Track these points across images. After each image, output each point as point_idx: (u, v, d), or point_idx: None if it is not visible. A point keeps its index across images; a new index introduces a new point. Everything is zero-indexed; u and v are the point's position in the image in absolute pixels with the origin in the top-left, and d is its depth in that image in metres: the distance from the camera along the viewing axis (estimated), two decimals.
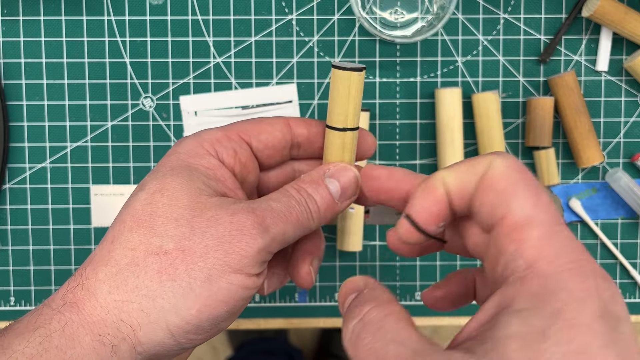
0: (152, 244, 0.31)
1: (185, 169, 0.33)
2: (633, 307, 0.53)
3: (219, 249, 0.30)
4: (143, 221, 0.31)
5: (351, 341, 0.27)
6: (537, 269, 0.24)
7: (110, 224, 0.34)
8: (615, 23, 0.48)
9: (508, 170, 0.26)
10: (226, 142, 0.35)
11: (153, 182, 0.33)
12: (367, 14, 0.50)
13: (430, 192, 0.29)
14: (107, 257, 0.31)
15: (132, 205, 0.32)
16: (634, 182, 0.51)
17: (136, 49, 0.51)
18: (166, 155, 0.35)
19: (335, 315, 0.53)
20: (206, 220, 0.31)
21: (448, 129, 0.49)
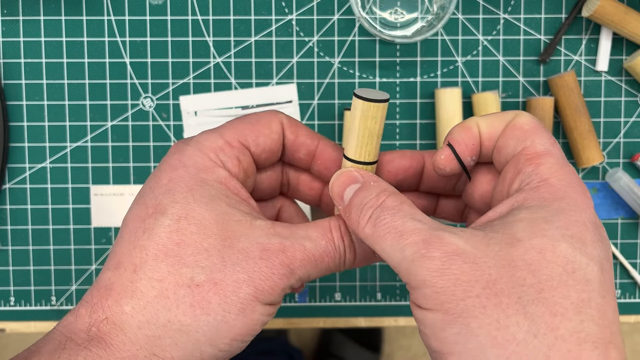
0: (182, 275, 0.30)
1: (205, 189, 0.32)
2: (633, 307, 0.53)
3: (250, 285, 0.30)
4: (170, 250, 0.30)
5: (370, 223, 0.30)
6: (549, 182, 0.29)
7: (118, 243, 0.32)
8: (615, 23, 0.48)
9: (532, 119, 0.32)
10: (229, 150, 0.34)
11: (175, 206, 0.31)
12: (367, 14, 0.50)
13: (467, 129, 0.33)
14: (131, 288, 0.30)
15: (155, 231, 0.31)
16: (634, 182, 0.51)
17: (136, 49, 0.51)
18: (171, 166, 0.33)
19: (335, 315, 0.53)
20: (237, 253, 0.31)
21: (448, 129, 0.49)
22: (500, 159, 0.32)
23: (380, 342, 1.27)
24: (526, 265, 0.26)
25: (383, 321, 0.54)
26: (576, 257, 0.27)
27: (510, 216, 0.28)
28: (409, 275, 0.28)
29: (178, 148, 0.34)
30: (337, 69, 0.51)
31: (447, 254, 0.27)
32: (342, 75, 0.51)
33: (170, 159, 0.33)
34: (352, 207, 0.31)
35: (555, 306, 0.26)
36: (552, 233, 0.27)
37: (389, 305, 0.53)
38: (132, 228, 0.31)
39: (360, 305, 0.53)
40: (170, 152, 0.34)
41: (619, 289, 0.53)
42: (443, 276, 0.27)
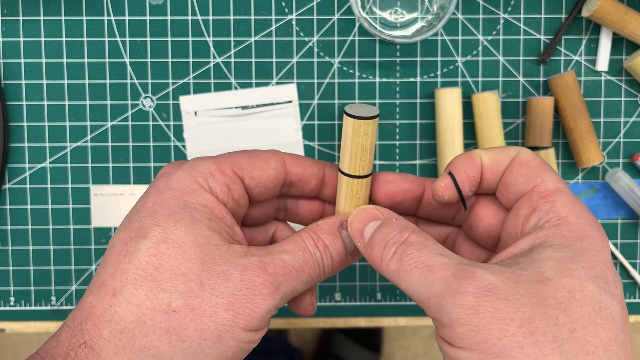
0: (159, 301, 0.30)
1: (186, 212, 0.32)
2: (633, 307, 0.53)
3: (229, 309, 0.30)
4: (149, 274, 0.30)
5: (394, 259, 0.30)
6: (567, 220, 0.30)
7: (102, 266, 0.32)
8: (615, 23, 0.48)
9: (535, 155, 0.33)
10: (220, 176, 0.34)
11: (155, 229, 0.31)
12: (367, 14, 0.50)
13: (469, 160, 0.33)
14: (110, 312, 0.30)
15: (134, 255, 0.30)
16: (634, 182, 0.51)
17: (136, 49, 0.51)
18: (158, 189, 0.33)
19: (335, 315, 0.53)
20: (216, 276, 0.30)
21: (448, 129, 0.49)
22: (508, 195, 0.33)
23: (380, 342, 1.27)
24: (557, 303, 0.27)
25: (383, 321, 0.54)
26: (602, 297, 0.28)
27: (536, 254, 0.29)
28: (439, 312, 0.28)
29: (168, 170, 0.34)
30: (337, 69, 0.51)
31: (480, 289, 0.27)
32: (342, 75, 0.51)
33: (159, 182, 0.33)
34: (375, 243, 0.31)
35: (587, 345, 0.26)
36: (579, 273, 0.28)
37: (389, 305, 0.53)
38: (116, 251, 0.31)
39: (360, 305, 0.53)
40: (159, 174, 0.34)
41: None
42: (478, 314, 0.26)
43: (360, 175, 0.35)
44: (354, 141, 0.34)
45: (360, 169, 0.34)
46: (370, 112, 0.34)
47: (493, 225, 0.35)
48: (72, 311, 0.31)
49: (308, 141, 0.52)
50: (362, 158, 0.34)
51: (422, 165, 0.52)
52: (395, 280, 0.30)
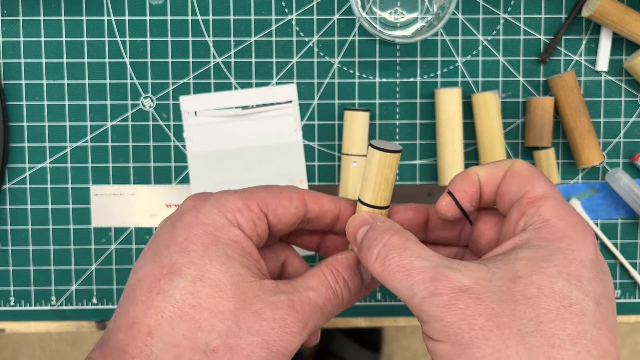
0: (198, 340, 0.30)
1: (219, 249, 0.32)
2: (633, 307, 0.53)
3: (264, 347, 0.31)
4: (186, 313, 0.30)
5: (378, 262, 0.31)
6: (550, 223, 0.31)
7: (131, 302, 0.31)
8: (615, 23, 0.48)
9: (528, 165, 0.34)
10: (247, 212, 0.34)
11: (190, 266, 0.31)
12: (367, 14, 0.50)
13: (467, 177, 0.35)
14: (146, 352, 0.30)
15: (169, 292, 0.31)
16: (634, 182, 0.51)
17: (136, 49, 0.51)
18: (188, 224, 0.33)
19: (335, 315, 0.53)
20: (251, 315, 0.31)
21: (448, 129, 0.49)
22: (504, 204, 0.34)
23: (380, 342, 1.26)
24: (526, 299, 0.28)
25: (383, 321, 0.54)
26: (572, 293, 0.29)
27: (513, 254, 0.30)
28: (420, 311, 0.30)
29: (195, 204, 0.34)
30: (337, 69, 0.51)
31: (453, 290, 0.29)
32: (342, 75, 0.51)
33: (187, 216, 0.33)
34: (362, 247, 0.33)
35: (553, 338, 0.27)
36: (550, 271, 0.29)
37: (389, 305, 0.53)
38: (147, 288, 0.31)
39: (360, 305, 0.53)
40: (185, 207, 0.34)
41: (619, 289, 0.53)
42: (450, 311, 0.28)
43: (381, 206, 0.36)
44: (379, 173, 0.35)
45: (382, 200, 0.36)
46: (394, 147, 0.36)
47: (494, 237, 0.36)
48: (99, 346, 0.31)
49: (308, 141, 0.52)
50: (384, 190, 0.36)
51: (422, 165, 0.52)
52: (382, 281, 0.32)
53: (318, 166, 0.52)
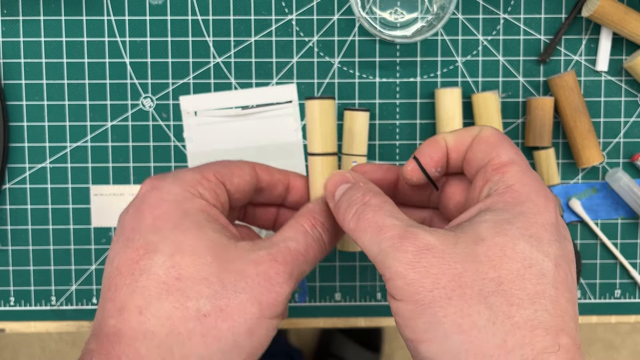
0: (188, 309, 0.31)
1: (189, 220, 0.33)
2: (633, 307, 0.53)
3: (254, 303, 0.31)
4: (171, 286, 0.31)
5: (354, 218, 0.32)
6: (513, 188, 0.32)
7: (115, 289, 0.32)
8: (615, 23, 0.48)
9: (496, 132, 0.35)
10: (206, 183, 0.35)
11: (165, 242, 0.32)
12: (367, 14, 0.50)
13: (434, 143, 0.36)
14: (141, 331, 0.30)
15: (151, 271, 0.31)
16: (633, 182, 0.51)
17: (136, 49, 0.51)
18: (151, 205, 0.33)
19: (335, 315, 0.53)
20: (234, 275, 0.32)
21: (448, 129, 0.49)
22: (470, 170, 0.35)
23: (380, 342, 1.27)
24: (489, 260, 0.29)
25: (383, 321, 0.54)
26: (533, 254, 0.29)
27: (477, 217, 0.31)
28: (384, 267, 0.30)
29: (153, 185, 0.34)
30: (337, 69, 0.51)
31: (419, 248, 0.29)
32: (342, 75, 0.51)
33: (150, 198, 0.34)
34: (341, 203, 0.34)
35: (512, 297, 0.28)
36: (512, 233, 0.30)
37: (389, 305, 0.53)
38: (127, 272, 0.32)
39: (360, 305, 0.53)
40: (145, 191, 0.34)
41: (619, 288, 0.53)
42: (414, 269, 0.29)
43: (331, 152, 0.39)
44: (323, 121, 0.38)
45: (330, 146, 0.39)
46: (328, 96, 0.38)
47: (462, 202, 0.37)
48: (93, 337, 0.31)
49: None
50: (330, 135, 0.39)
51: None
52: (354, 237, 0.32)
53: None
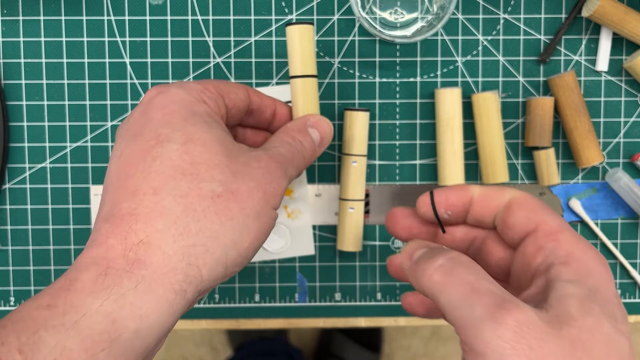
0: (202, 189, 0.33)
1: (198, 118, 0.35)
2: (633, 307, 0.53)
3: (260, 190, 0.35)
4: (186, 169, 0.33)
5: (440, 270, 0.31)
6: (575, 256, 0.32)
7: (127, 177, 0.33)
8: (615, 23, 0.48)
9: (531, 196, 0.35)
10: (209, 93, 0.37)
11: (177, 133, 0.34)
12: (367, 14, 0.50)
13: (459, 188, 0.37)
14: (157, 209, 0.32)
15: (167, 156, 0.33)
16: (633, 182, 0.51)
17: (136, 49, 0.51)
18: (161, 104, 0.35)
19: (335, 315, 0.53)
20: (241, 165, 0.35)
21: (448, 129, 0.49)
22: (512, 235, 0.35)
23: (380, 342, 1.27)
24: (582, 345, 0.28)
25: (383, 321, 0.54)
26: (615, 336, 0.29)
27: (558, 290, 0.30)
28: (475, 337, 0.28)
29: (159, 90, 0.36)
30: (337, 69, 0.51)
31: (520, 323, 0.27)
32: (342, 75, 0.51)
33: (157, 100, 0.36)
34: (422, 259, 0.33)
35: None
36: (597, 312, 0.29)
37: (389, 305, 0.53)
38: (139, 160, 0.33)
39: (360, 305, 0.53)
40: (151, 95, 0.36)
41: (619, 289, 0.53)
42: (515, 350, 0.27)
43: (310, 74, 0.43)
44: (302, 46, 0.42)
45: (310, 69, 0.43)
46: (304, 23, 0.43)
47: (503, 258, 0.37)
48: (104, 221, 0.32)
49: None
50: (310, 59, 0.43)
51: (422, 165, 0.52)
52: (435, 291, 0.30)
53: (318, 166, 0.52)
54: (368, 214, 0.52)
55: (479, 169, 0.52)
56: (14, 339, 0.27)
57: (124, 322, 0.29)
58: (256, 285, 0.53)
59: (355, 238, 0.50)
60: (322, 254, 0.53)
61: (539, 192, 0.52)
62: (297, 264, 0.53)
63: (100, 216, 0.33)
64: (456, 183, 0.49)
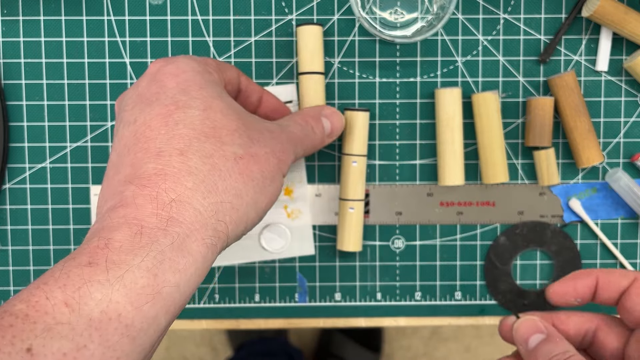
0: (225, 151, 0.34)
1: (212, 87, 0.36)
2: None
3: (275, 157, 0.37)
4: (208, 133, 0.34)
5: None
6: None
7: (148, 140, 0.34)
8: (615, 23, 0.48)
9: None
10: (212, 67, 0.39)
11: (195, 100, 0.35)
12: (367, 14, 0.50)
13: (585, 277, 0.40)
14: (184, 168, 0.33)
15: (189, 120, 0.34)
16: (634, 182, 0.51)
17: (136, 49, 0.51)
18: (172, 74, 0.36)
19: (335, 315, 0.53)
20: (257, 133, 0.36)
21: (448, 129, 0.49)
22: (631, 318, 0.38)
23: (380, 342, 1.26)
24: None
25: (383, 321, 0.54)
26: None
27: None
28: None
29: (167, 61, 0.37)
30: (337, 69, 0.51)
31: None
32: (342, 75, 0.51)
33: (167, 69, 0.37)
34: (539, 355, 0.37)
35: None
36: None
37: (389, 305, 0.53)
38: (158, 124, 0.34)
39: (360, 305, 0.53)
40: (159, 65, 0.37)
41: None
42: None
43: (318, 71, 0.48)
44: (311, 44, 0.47)
45: (317, 66, 0.48)
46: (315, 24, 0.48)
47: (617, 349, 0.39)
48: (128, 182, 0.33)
49: None
50: (318, 57, 0.48)
51: (422, 165, 0.52)
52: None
53: (318, 166, 0.52)
54: (368, 214, 0.52)
55: (479, 169, 0.52)
56: (59, 294, 0.28)
57: (164, 276, 0.30)
58: (256, 285, 0.53)
59: (355, 238, 0.50)
60: (322, 254, 0.53)
61: (539, 192, 0.52)
62: (297, 264, 0.53)
63: (118, 179, 0.34)
64: (456, 183, 0.49)
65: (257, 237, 0.52)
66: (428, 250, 0.53)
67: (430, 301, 0.53)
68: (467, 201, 0.52)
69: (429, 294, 0.53)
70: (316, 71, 0.48)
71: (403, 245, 0.53)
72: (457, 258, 0.53)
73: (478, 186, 0.52)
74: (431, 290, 0.53)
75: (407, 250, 0.53)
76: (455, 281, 0.53)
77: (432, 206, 0.52)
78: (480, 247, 0.53)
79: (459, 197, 0.52)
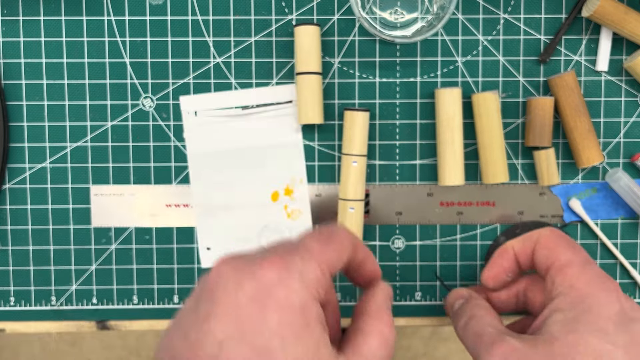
0: None
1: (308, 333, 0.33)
2: None
3: None
4: None
5: (463, 326, 0.42)
6: (576, 287, 0.38)
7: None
8: (615, 23, 0.48)
9: (552, 234, 0.42)
10: (323, 281, 0.35)
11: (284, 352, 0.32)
12: (367, 14, 0.50)
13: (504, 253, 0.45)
14: None
15: None
16: (634, 182, 0.51)
17: (136, 49, 0.51)
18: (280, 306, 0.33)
19: None
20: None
21: (448, 129, 0.49)
22: (541, 273, 0.42)
23: None
24: (563, 357, 0.35)
25: None
26: (602, 346, 0.35)
27: (549, 319, 0.38)
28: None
29: (281, 277, 0.33)
30: (337, 69, 0.51)
31: (506, 350, 0.36)
32: (342, 75, 0.51)
33: (277, 294, 0.33)
34: (456, 314, 0.44)
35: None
36: (581, 330, 0.35)
37: None
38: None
39: None
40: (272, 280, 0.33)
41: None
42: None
43: (314, 71, 0.49)
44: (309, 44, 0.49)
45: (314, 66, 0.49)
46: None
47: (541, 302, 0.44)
48: None
49: (308, 141, 0.52)
50: (315, 56, 0.49)
51: (422, 165, 0.52)
52: (462, 340, 0.42)
53: (318, 166, 0.52)
54: (368, 214, 0.52)
55: (479, 169, 0.52)
56: None
57: None
58: None
59: None
60: None
61: (539, 192, 0.52)
62: None
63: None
64: (456, 183, 0.49)
65: (257, 237, 0.52)
66: (428, 250, 0.53)
67: (430, 301, 0.53)
68: (467, 201, 0.52)
69: (429, 294, 0.53)
70: (312, 71, 0.48)
71: (403, 245, 0.53)
72: (457, 258, 0.53)
73: (478, 186, 0.52)
74: (431, 290, 0.53)
75: (407, 250, 0.53)
76: (455, 281, 0.53)
77: (432, 206, 0.52)
78: (480, 247, 0.53)
79: (459, 197, 0.52)
